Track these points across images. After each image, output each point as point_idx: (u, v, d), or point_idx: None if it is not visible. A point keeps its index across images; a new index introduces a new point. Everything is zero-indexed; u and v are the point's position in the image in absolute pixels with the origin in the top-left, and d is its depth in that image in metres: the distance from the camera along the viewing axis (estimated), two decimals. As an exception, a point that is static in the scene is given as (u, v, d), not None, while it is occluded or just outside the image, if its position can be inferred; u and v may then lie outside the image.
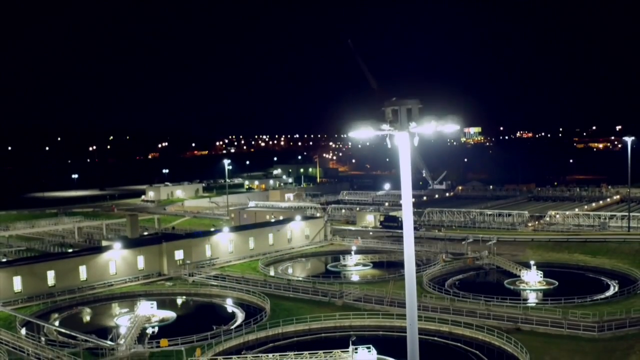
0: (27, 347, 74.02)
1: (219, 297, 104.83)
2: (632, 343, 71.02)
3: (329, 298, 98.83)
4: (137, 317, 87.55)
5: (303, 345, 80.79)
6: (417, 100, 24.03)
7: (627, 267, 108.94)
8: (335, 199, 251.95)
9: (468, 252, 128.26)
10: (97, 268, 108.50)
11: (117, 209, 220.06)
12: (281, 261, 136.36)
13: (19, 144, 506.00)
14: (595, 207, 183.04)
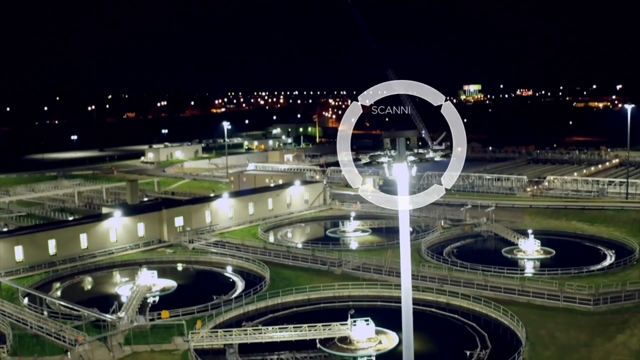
0: (29, 320, 74.87)
1: (219, 265, 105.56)
2: (627, 317, 71.87)
3: (327, 267, 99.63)
4: (138, 287, 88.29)
5: (302, 316, 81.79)
6: (415, 131, 24.18)
7: (624, 237, 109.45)
8: (335, 160, 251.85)
9: (466, 219, 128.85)
10: (97, 236, 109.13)
11: (116, 171, 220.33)
12: (280, 226, 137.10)
13: (18, 105, 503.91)
14: (594, 172, 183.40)
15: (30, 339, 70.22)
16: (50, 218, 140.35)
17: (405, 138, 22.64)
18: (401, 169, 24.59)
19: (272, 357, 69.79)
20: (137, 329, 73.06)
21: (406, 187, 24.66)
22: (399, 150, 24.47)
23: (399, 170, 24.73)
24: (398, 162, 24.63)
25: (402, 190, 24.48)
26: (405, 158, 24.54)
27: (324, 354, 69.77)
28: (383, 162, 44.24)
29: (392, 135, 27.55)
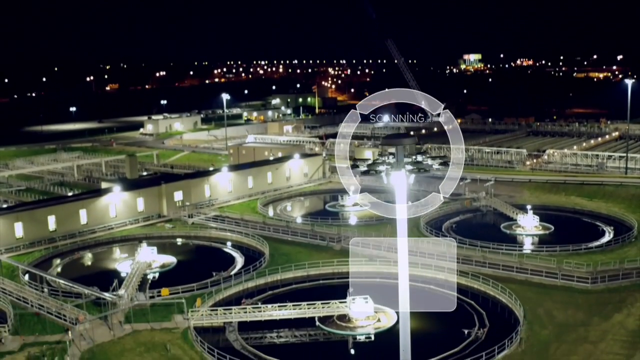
0: (30, 298, 75.19)
1: (219, 240, 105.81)
2: (624, 296, 72.24)
3: (327, 242, 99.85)
4: (138, 264, 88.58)
5: (301, 293, 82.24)
6: (414, 139, 24.10)
7: (623, 213, 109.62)
8: (334, 131, 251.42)
9: (466, 193, 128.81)
10: (97, 211, 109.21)
11: (115, 144, 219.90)
12: (280, 200, 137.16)
13: (16, 75, 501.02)
14: (593, 145, 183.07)
15: (31, 317, 70.67)
16: (50, 192, 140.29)
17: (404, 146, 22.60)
18: (399, 177, 24.52)
19: (272, 335, 70.35)
20: (137, 307, 73.40)
21: (404, 196, 24.59)
22: (397, 158, 24.35)
23: (397, 178, 24.66)
24: (396, 171, 24.53)
25: (400, 198, 24.41)
26: (403, 166, 24.42)
27: (323, 332, 70.22)
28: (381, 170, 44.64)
29: (391, 143, 27.27)
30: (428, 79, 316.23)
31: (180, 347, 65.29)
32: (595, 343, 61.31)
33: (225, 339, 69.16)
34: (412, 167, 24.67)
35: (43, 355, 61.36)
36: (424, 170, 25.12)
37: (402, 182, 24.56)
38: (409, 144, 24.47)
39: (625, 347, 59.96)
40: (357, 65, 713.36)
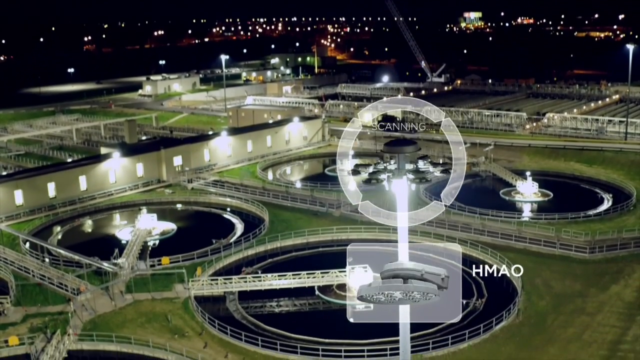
0: (32, 268, 75.62)
1: (218, 206, 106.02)
2: (621, 266, 72.73)
3: (326, 209, 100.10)
4: (138, 231, 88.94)
5: (301, 261, 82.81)
6: (416, 146, 24.01)
7: (622, 180, 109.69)
8: (334, 91, 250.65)
9: (465, 158, 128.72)
10: (96, 178, 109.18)
11: (114, 105, 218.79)
12: (279, 164, 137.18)
13: (13, 36, 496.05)
14: (593, 108, 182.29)
15: (33, 287, 71.17)
16: (49, 157, 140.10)
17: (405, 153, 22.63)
18: (401, 185, 24.51)
19: (272, 304, 71.01)
20: (138, 276, 73.83)
21: (405, 204, 24.61)
22: (399, 165, 24.32)
23: (398, 186, 24.66)
24: (397, 178, 24.53)
25: (401, 206, 24.43)
26: (405, 173, 24.39)
27: (323, 301, 70.84)
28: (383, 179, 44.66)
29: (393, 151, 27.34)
30: (428, 38, 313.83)
31: (181, 317, 65.91)
32: (592, 315, 61.97)
33: (225, 308, 69.74)
34: (414, 176, 24.62)
35: (46, 327, 61.96)
36: (425, 180, 25.09)
37: (403, 190, 24.51)
38: (411, 151, 24.37)
39: (622, 319, 60.58)
40: (356, 22, 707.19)
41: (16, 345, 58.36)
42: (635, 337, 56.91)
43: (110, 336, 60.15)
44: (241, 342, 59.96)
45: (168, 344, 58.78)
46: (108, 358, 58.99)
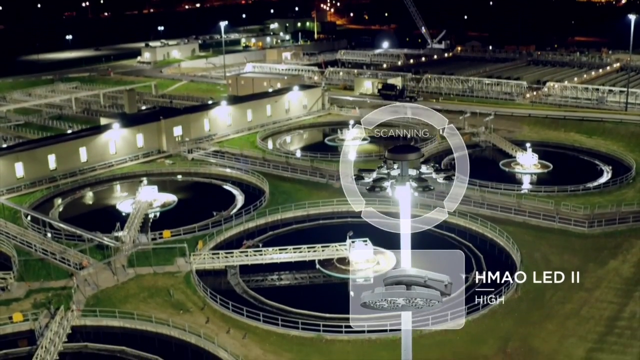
0: (34, 242, 76.06)
1: (218, 177, 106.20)
2: (620, 241, 73.22)
3: (326, 180, 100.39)
4: (139, 204, 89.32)
5: (302, 233, 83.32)
6: (419, 153, 24.12)
7: (622, 151, 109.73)
8: (333, 57, 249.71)
9: (465, 128, 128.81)
10: (97, 149, 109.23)
11: (113, 73, 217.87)
12: (279, 133, 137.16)
13: (9, 2, 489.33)
14: (594, 77, 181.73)
15: (35, 262, 71.58)
16: (49, 127, 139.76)
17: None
18: (404, 192, 24.68)
19: (273, 277, 71.64)
20: (140, 250, 74.26)
21: (409, 210, 24.80)
22: (402, 172, 24.46)
23: (401, 192, 24.84)
24: (401, 185, 24.68)
25: (404, 213, 24.62)
26: (408, 180, 24.55)
27: (323, 275, 71.48)
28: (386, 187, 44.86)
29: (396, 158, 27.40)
30: (428, 3, 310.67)
31: (183, 291, 66.53)
32: (590, 290, 62.53)
33: (227, 282, 70.39)
34: (417, 184, 24.81)
35: (49, 302, 62.55)
36: (428, 189, 25.28)
37: (406, 197, 24.71)
38: (414, 158, 24.53)
39: (619, 296, 61.20)
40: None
41: (20, 322, 58.97)
42: (632, 314, 57.54)
43: (114, 312, 60.79)
44: (243, 317, 60.56)
45: (171, 320, 59.41)
46: (111, 333, 59.51)
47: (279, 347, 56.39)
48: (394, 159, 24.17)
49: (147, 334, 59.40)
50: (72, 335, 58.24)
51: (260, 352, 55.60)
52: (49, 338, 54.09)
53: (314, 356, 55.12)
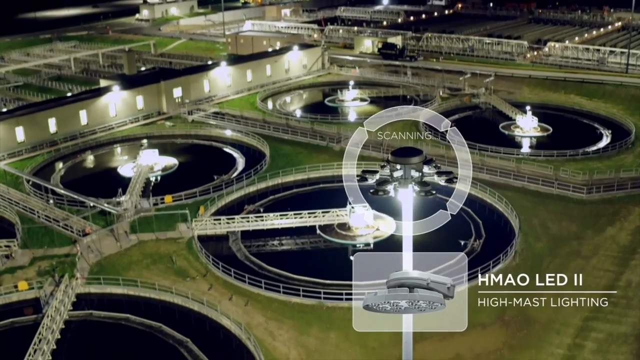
0: (37, 209, 76.57)
1: (219, 139, 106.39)
2: (618, 208, 73.76)
3: (327, 143, 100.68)
4: (140, 167, 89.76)
5: (302, 197, 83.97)
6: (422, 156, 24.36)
7: (622, 115, 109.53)
8: (333, 14, 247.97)
9: (465, 89, 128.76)
10: (97, 112, 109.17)
11: (111, 31, 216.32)
12: (279, 94, 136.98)
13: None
14: (595, 36, 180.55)
15: (39, 229, 72.13)
16: (48, 88, 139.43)
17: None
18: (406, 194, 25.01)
19: (274, 243, 72.38)
20: (142, 216, 74.73)
21: (411, 213, 25.13)
22: (405, 175, 24.74)
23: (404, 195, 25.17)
24: (403, 187, 24.99)
25: (407, 215, 24.95)
26: (410, 182, 24.84)
27: (324, 240, 72.21)
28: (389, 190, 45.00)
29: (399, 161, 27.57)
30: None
31: (185, 258, 67.29)
32: (587, 258, 63.27)
33: (228, 248, 71.15)
34: (419, 188, 25.09)
35: (53, 270, 63.35)
36: (431, 194, 25.58)
37: (408, 199, 25.05)
38: (417, 162, 24.78)
39: (616, 264, 61.91)
40: None
41: (25, 290, 59.82)
42: (627, 283, 58.34)
43: (117, 279, 61.61)
44: (245, 284, 61.36)
45: (174, 287, 60.27)
46: (115, 300, 60.36)
47: (281, 315, 57.25)
48: (397, 162, 24.39)
49: (151, 301, 60.28)
50: (77, 303, 59.08)
51: (263, 320, 56.49)
52: (55, 307, 54.89)
53: (315, 323, 55.92)
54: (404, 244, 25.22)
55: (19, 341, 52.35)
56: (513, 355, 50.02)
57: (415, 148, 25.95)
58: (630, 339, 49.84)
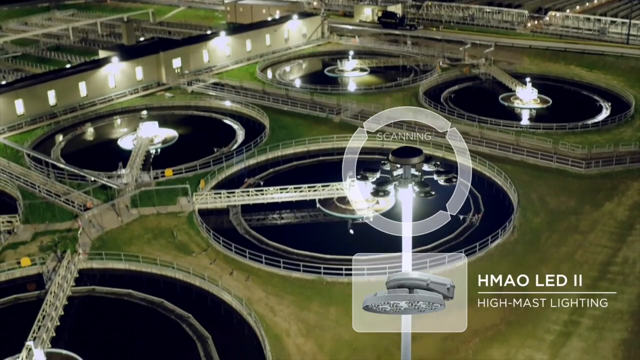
0: (37, 183, 76.81)
1: (218, 110, 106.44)
2: (616, 183, 74.00)
3: (326, 114, 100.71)
4: (141, 140, 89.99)
5: (302, 170, 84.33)
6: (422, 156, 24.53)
7: (622, 87, 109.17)
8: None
9: (465, 59, 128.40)
10: (96, 83, 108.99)
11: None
12: (278, 63, 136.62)
13: None
14: (596, 5, 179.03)
15: (40, 204, 72.41)
16: (46, 58, 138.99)
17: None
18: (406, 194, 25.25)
19: (274, 216, 72.84)
20: (143, 190, 74.91)
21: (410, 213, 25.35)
22: (405, 175, 24.94)
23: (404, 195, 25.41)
24: (403, 187, 25.20)
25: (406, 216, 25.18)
26: (410, 182, 25.05)
27: (323, 213, 72.67)
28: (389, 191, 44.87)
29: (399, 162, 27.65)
30: None
31: (186, 232, 67.75)
32: (585, 233, 63.72)
33: (229, 221, 71.60)
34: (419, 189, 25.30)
35: (55, 245, 63.83)
36: (429, 194, 25.77)
37: (408, 199, 25.29)
38: (418, 162, 24.98)
39: (613, 240, 62.32)
40: None
41: (28, 266, 60.32)
42: (624, 259, 58.78)
43: (119, 255, 62.10)
44: (245, 259, 61.88)
45: (175, 262, 60.79)
46: (118, 276, 60.93)
47: (281, 290, 57.80)
48: (397, 162, 24.60)
49: (152, 276, 60.82)
50: (80, 279, 59.64)
51: (263, 295, 57.07)
52: (57, 283, 55.41)
53: (316, 298, 56.45)
54: (403, 245, 25.49)
55: (23, 317, 52.94)
56: (510, 331, 50.69)
57: (415, 147, 26.10)
58: (626, 316, 50.43)
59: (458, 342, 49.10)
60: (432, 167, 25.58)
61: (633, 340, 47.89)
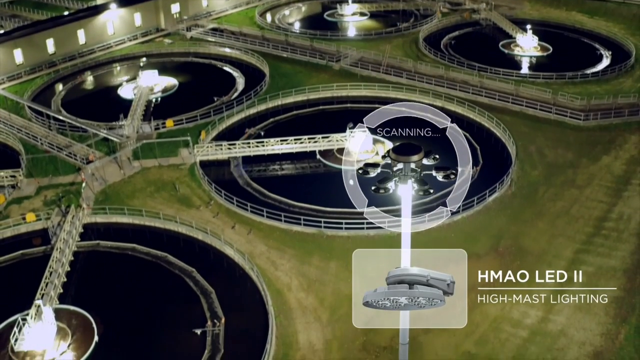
0: (39, 136, 77.16)
1: (218, 57, 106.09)
2: (614, 136, 74.27)
3: (326, 61, 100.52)
4: (141, 89, 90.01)
5: (302, 120, 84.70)
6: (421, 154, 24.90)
7: (623, 35, 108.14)
8: None
9: (465, 3, 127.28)
10: (95, 30, 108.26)
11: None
12: (278, 7, 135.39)
13: None
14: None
15: (42, 158, 72.84)
16: (44, 3, 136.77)
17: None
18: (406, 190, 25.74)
19: (275, 167, 73.48)
20: (144, 142, 75.19)
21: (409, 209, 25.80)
22: (404, 172, 25.37)
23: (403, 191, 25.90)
24: (403, 183, 25.64)
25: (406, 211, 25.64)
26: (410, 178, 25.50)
27: (323, 164, 73.32)
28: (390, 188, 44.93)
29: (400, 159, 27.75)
30: None
31: (188, 185, 68.38)
32: (581, 188, 64.33)
33: (230, 173, 72.26)
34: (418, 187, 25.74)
35: (59, 199, 64.56)
36: (428, 192, 26.19)
37: (408, 195, 25.80)
38: (417, 160, 25.38)
39: (609, 195, 62.92)
40: None
41: (33, 222, 61.18)
42: (619, 215, 59.46)
43: (122, 209, 62.88)
44: (247, 212, 62.69)
45: (178, 216, 61.61)
46: (121, 230, 61.62)
47: (282, 244, 58.67)
48: (397, 160, 25.06)
49: (156, 230, 61.73)
50: (84, 234, 60.48)
51: (265, 249, 57.99)
52: (63, 238, 56.26)
53: (316, 252, 57.34)
54: (402, 241, 26.05)
55: (30, 272, 54.04)
56: (506, 286, 51.74)
57: (415, 145, 26.47)
58: (619, 273, 51.46)
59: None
60: (431, 160, 26.06)
61: (625, 297, 49.00)
